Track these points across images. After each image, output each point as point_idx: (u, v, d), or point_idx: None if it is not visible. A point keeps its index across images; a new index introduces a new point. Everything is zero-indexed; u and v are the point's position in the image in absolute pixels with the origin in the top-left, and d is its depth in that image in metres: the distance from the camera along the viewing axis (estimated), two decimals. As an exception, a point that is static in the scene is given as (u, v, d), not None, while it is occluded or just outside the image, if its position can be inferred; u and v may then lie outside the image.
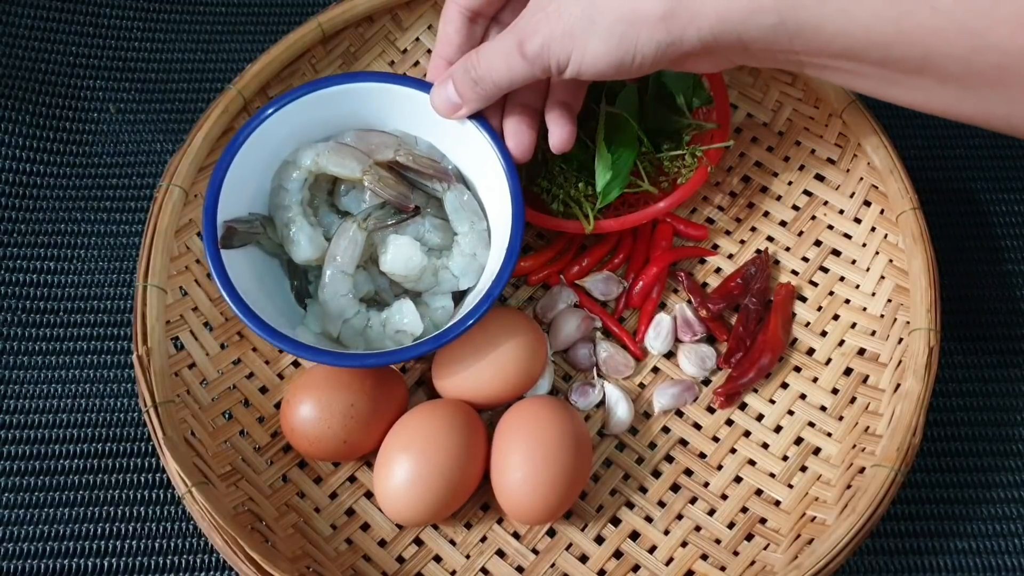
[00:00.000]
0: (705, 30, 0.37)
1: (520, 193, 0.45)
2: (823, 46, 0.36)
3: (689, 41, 0.38)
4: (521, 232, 0.44)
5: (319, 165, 0.46)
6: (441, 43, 0.45)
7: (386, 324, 0.46)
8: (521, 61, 0.41)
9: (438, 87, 0.45)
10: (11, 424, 0.50)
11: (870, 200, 0.53)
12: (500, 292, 0.43)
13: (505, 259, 0.44)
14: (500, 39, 0.42)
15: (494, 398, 0.46)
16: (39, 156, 0.58)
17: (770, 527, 0.47)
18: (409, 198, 0.46)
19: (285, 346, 0.42)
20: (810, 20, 0.35)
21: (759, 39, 0.37)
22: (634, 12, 0.37)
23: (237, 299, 0.43)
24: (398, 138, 0.48)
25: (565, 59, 0.40)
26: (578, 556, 0.46)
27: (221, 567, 0.47)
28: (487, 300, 0.43)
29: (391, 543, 0.46)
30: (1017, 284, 0.55)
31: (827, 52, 0.37)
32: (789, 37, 0.36)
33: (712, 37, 0.37)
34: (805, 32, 0.36)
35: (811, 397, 0.50)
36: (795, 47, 0.37)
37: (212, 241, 0.44)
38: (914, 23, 0.34)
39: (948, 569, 0.48)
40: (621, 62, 0.39)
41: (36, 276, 0.54)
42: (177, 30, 0.63)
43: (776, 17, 0.36)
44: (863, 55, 0.36)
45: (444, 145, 0.49)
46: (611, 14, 0.38)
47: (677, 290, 0.53)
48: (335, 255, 0.45)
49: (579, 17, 0.38)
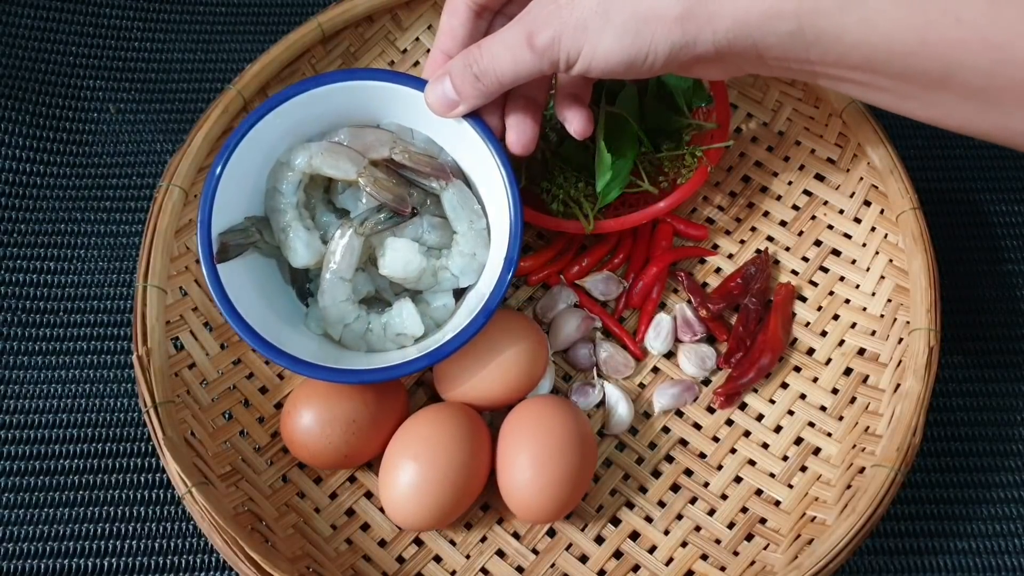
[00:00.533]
0: (720, 33, 0.36)
1: (519, 201, 0.44)
2: (841, 57, 0.35)
3: (703, 44, 0.37)
4: (519, 242, 0.44)
5: (313, 166, 0.45)
6: (443, 36, 0.44)
7: (387, 327, 0.46)
8: (529, 54, 0.39)
9: (434, 83, 0.43)
10: (11, 424, 0.50)
11: (870, 200, 0.53)
12: (498, 303, 0.43)
13: (503, 269, 0.43)
14: (506, 31, 0.40)
15: (496, 400, 0.46)
16: (39, 156, 0.58)
17: (770, 527, 0.47)
18: (406, 200, 0.45)
19: (284, 363, 0.42)
20: (830, 29, 0.34)
21: (775, 46, 0.36)
22: (651, 9, 0.36)
23: (236, 316, 0.42)
24: (393, 134, 0.46)
25: (576, 53, 0.39)
26: (578, 556, 0.46)
27: (221, 567, 0.47)
28: (484, 314, 0.43)
29: (391, 543, 0.46)
30: (1017, 284, 0.55)
31: (845, 63, 0.36)
32: (806, 46, 0.35)
33: (727, 41, 0.36)
34: (824, 41, 0.35)
35: (811, 397, 0.50)
36: (811, 56, 0.36)
37: (208, 257, 0.43)
38: (938, 35, 0.33)
39: (948, 569, 0.48)
40: (633, 60, 0.38)
41: (36, 276, 0.54)
42: (177, 30, 0.63)
43: (795, 24, 0.35)
44: (883, 67, 0.35)
45: (441, 138, 0.47)
46: (627, 10, 0.37)
47: (677, 290, 0.53)
48: (332, 261, 0.45)
49: (594, 11, 0.37)
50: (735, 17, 0.36)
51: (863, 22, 0.34)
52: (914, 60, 0.34)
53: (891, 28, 0.34)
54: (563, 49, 0.39)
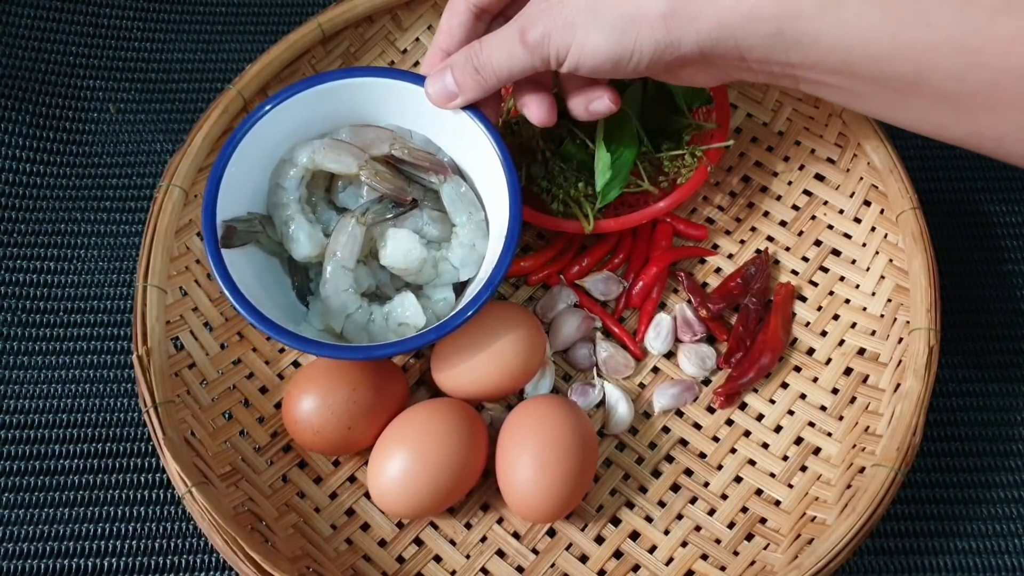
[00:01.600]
0: (704, 33, 0.37)
1: (517, 182, 0.45)
2: (819, 59, 0.36)
3: (688, 44, 0.38)
4: (519, 220, 0.44)
5: (315, 162, 0.46)
6: (442, 34, 0.45)
7: (388, 317, 0.46)
8: (522, 49, 0.41)
9: (435, 75, 0.45)
10: (11, 424, 0.50)
11: (870, 200, 0.53)
12: (501, 279, 0.43)
13: (504, 246, 0.44)
14: (504, 28, 0.42)
15: (494, 390, 0.46)
16: (39, 156, 0.58)
17: (770, 527, 0.47)
18: (406, 191, 0.46)
19: (287, 341, 0.42)
20: (808, 30, 0.35)
21: (756, 47, 0.37)
22: (637, 8, 0.38)
23: (239, 296, 0.43)
24: (393, 132, 0.48)
25: (564, 50, 0.40)
26: (578, 556, 0.46)
27: (221, 567, 0.47)
28: (488, 287, 0.43)
29: (391, 543, 0.46)
30: (1017, 284, 0.55)
31: (823, 66, 0.37)
32: (786, 48, 0.36)
33: (710, 42, 0.37)
34: (803, 43, 0.36)
35: (811, 397, 0.50)
36: (791, 59, 0.37)
37: (212, 240, 0.44)
38: (909, 38, 0.34)
39: (948, 569, 0.48)
40: (619, 58, 0.39)
41: (36, 276, 0.54)
42: (177, 30, 0.63)
43: (775, 26, 0.36)
44: (859, 71, 0.36)
45: (440, 139, 0.49)
46: (614, 9, 0.38)
47: (677, 290, 0.53)
48: (335, 251, 0.45)
49: (582, 9, 0.39)
50: (718, 18, 0.37)
51: (839, 25, 0.35)
52: (888, 64, 0.35)
53: (865, 31, 0.35)
54: (552, 46, 0.40)
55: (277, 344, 0.51)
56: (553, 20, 0.40)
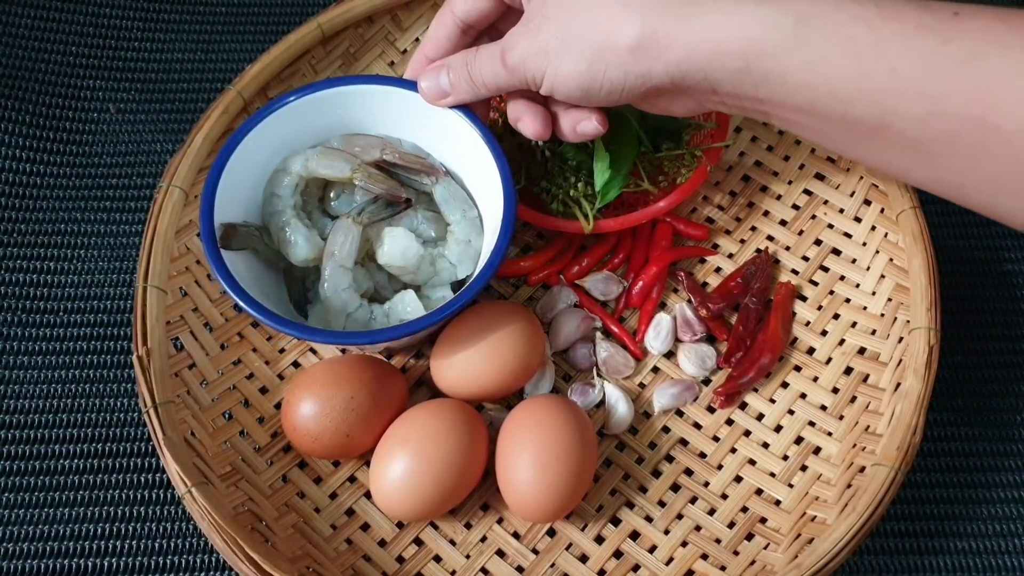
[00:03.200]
0: (673, 64, 0.37)
1: (508, 170, 0.45)
2: (786, 97, 0.36)
3: (658, 75, 0.38)
4: (514, 204, 0.44)
5: (309, 169, 0.47)
6: (429, 42, 0.46)
7: (389, 315, 0.46)
8: (503, 70, 0.42)
9: (431, 73, 0.46)
10: (11, 424, 0.50)
11: (870, 199, 0.53)
12: (499, 263, 0.43)
13: (500, 233, 0.44)
14: (492, 45, 0.43)
15: (493, 390, 0.46)
16: (39, 156, 0.58)
17: (770, 527, 0.47)
18: (400, 190, 0.47)
19: (291, 331, 0.42)
20: (776, 69, 0.36)
21: (725, 81, 0.37)
22: (606, 39, 0.38)
23: (240, 291, 0.43)
24: (383, 139, 0.49)
25: (540, 75, 0.41)
26: (578, 556, 0.46)
27: (221, 567, 0.47)
28: (488, 269, 0.43)
29: (391, 543, 0.46)
30: (1017, 284, 0.55)
31: (790, 104, 0.37)
32: (755, 84, 0.37)
33: (680, 73, 0.38)
34: (770, 80, 0.36)
35: (811, 396, 0.50)
36: (760, 95, 0.37)
37: (210, 239, 0.44)
38: (872, 83, 0.34)
39: (948, 569, 0.48)
40: (589, 87, 0.40)
41: (36, 276, 0.54)
42: (177, 30, 0.63)
43: (742, 62, 0.36)
44: (826, 111, 0.36)
45: (429, 144, 0.50)
46: (586, 39, 0.39)
47: (677, 290, 0.53)
48: (332, 251, 0.46)
49: (555, 37, 0.39)
50: (686, 51, 0.37)
51: (806, 65, 0.35)
52: (852, 107, 0.35)
53: (831, 73, 0.35)
54: (528, 71, 0.41)
55: (277, 344, 0.51)
56: (529, 45, 0.40)
